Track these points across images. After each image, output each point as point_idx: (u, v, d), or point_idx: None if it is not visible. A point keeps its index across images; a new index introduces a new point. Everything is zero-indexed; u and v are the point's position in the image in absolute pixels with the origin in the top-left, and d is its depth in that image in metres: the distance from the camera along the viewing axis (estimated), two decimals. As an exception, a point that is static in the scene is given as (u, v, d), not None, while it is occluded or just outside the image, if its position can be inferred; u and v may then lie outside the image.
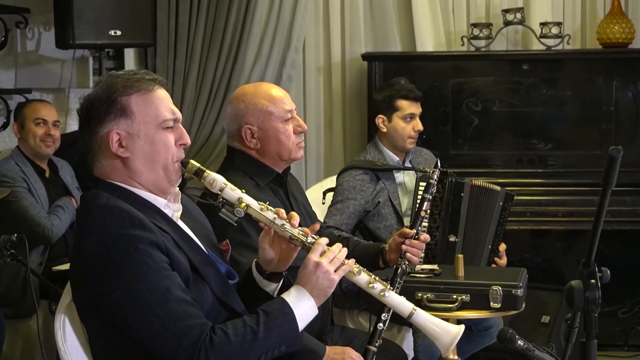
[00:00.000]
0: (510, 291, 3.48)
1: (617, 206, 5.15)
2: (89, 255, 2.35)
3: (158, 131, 2.48)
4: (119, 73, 2.54)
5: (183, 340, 2.29)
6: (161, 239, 2.37)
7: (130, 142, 2.45)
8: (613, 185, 1.81)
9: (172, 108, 2.53)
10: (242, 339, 2.33)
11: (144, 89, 2.48)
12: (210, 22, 5.79)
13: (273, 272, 2.61)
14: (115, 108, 2.45)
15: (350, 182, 4.46)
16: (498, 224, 4.28)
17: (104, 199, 2.42)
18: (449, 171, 4.32)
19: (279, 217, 2.50)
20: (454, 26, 5.95)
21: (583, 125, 5.60)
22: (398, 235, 3.41)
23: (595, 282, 1.86)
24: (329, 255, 2.48)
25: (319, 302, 2.48)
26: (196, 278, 2.44)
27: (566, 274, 5.55)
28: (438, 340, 2.58)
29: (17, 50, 5.94)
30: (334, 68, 6.03)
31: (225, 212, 2.52)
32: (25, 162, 4.92)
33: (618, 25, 5.56)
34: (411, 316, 2.56)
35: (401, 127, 4.58)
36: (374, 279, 2.54)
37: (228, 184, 2.51)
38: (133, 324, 2.32)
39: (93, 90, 2.52)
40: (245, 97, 3.40)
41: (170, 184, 2.52)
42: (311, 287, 2.46)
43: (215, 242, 2.73)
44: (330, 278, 2.47)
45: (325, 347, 3.31)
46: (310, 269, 2.46)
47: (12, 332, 4.64)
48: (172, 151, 2.50)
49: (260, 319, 2.38)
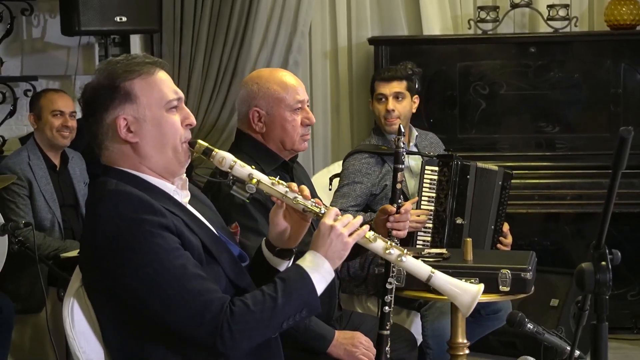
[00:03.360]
0: (520, 274, 3.46)
1: (627, 189, 5.13)
2: (102, 240, 2.35)
3: (164, 113, 2.47)
4: (118, 59, 2.53)
5: (205, 314, 2.30)
6: (172, 221, 2.37)
7: (138, 127, 2.44)
8: (624, 167, 1.80)
9: (174, 88, 2.52)
10: (262, 307, 2.33)
11: (146, 72, 2.47)
12: (216, 8, 5.77)
13: (283, 248, 2.60)
14: (120, 94, 2.44)
15: (356, 165, 4.47)
16: (499, 203, 4.29)
17: (113, 184, 2.42)
18: (454, 154, 4.31)
19: (290, 190, 2.49)
20: (461, 9, 5.92)
21: (591, 108, 5.57)
22: (380, 212, 3.41)
23: (605, 264, 1.85)
24: (343, 220, 2.47)
25: (334, 265, 2.46)
26: (209, 259, 2.44)
27: (575, 257, 5.54)
28: (458, 299, 2.54)
29: (22, 38, 5.93)
30: (341, 53, 6.01)
31: (236, 190, 2.50)
32: (38, 154, 4.91)
33: (626, 7, 5.52)
34: (430, 279, 2.53)
35: (375, 107, 4.62)
36: (390, 245, 2.51)
37: (237, 161, 2.49)
38: (152, 305, 2.32)
39: (94, 78, 2.51)
40: (260, 80, 3.39)
41: (180, 165, 2.51)
42: (325, 251, 2.44)
43: (224, 225, 2.73)
44: (344, 241, 2.45)
45: (334, 332, 3.32)
46: (324, 232, 2.45)
47: (21, 321, 4.65)
48: (180, 132, 2.48)
49: (278, 287, 2.37)
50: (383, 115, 4.56)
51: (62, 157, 5.05)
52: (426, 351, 4.16)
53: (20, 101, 5.79)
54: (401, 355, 3.65)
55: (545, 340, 2.90)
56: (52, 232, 4.82)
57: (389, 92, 4.57)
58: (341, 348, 3.29)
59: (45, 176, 4.88)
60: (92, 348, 2.47)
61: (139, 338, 2.40)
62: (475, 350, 3.96)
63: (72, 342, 2.46)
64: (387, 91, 4.57)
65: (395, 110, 4.53)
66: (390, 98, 4.55)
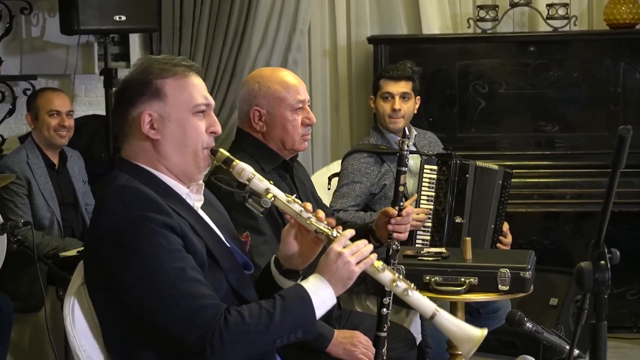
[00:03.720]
0: (519, 273, 3.46)
1: (626, 188, 5.13)
2: (104, 234, 2.35)
3: (189, 116, 2.47)
4: (157, 57, 2.55)
5: (196, 319, 2.28)
6: (177, 222, 2.36)
7: (161, 125, 2.45)
8: (622, 166, 1.80)
9: (205, 94, 2.52)
10: (257, 320, 2.31)
11: (180, 74, 2.48)
12: (215, 7, 5.77)
13: (290, 269, 2.59)
14: (150, 89, 2.45)
15: (355, 165, 4.46)
16: (499, 203, 4.28)
17: (124, 179, 2.43)
18: (453, 153, 4.31)
19: (305, 210, 2.48)
20: (460, 8, 5.92)
21: (590, 107, 5.57)
22: (382, 214, 3.40)
23: (604, 263, 1.85)
24: (352, 248, 2.45)
25: (337, 292, 2.44)
26: (212, 264, 2.43)
27: (575, 256, 5.54)
28: (459, 344, 2.50)
29: (22, 37, 5.94)
30: (340, 51, 6.01)
31: (251, 203, 2.49)
32: (36, 153, 4.91)
33: (625, 5, 5.52)
34: (434, 317, 2.48)
35: (380, 105, 4.60)
36: (397, 277, 2.48)
37: (256, 174, 2.48)
38: (146, 303, 2.32)
39: (130, 72, 2.53)
40: (261, 79, 3.38)
41: (198, 170, 2.51)
42: (330, 276, 2.42)
43: (235, 233, 2.72)
44: (350, 269, 2.43)
45: (333, 331, 3.32)
46: (332, 257, 2.43)
47: (20, 320, 4.65)
48: (203, 137, 2.48)
49: (277, 303, 2.35)
50: (388, 113, 4.56)
51: (60, 155, 5.05)
52: (425, 350, 4.16)
53: (19, 100, 5.79)
54: (400, 354, 3.64)
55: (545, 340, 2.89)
56: (51, 230, 4.82)
57: (397, 92, 4.57)
58: (340, 347, 3.28)
59: (44, 175, 4.88)
60: (92, 346, 2.48)
61: (137, 338, 2.39)
62: (474, 349, 3.96)
63: (73, 341, 2.47)
64: (395, 90, 4.57)
65: (401, 110, 4.54)
66: (397, 97, 4.55)
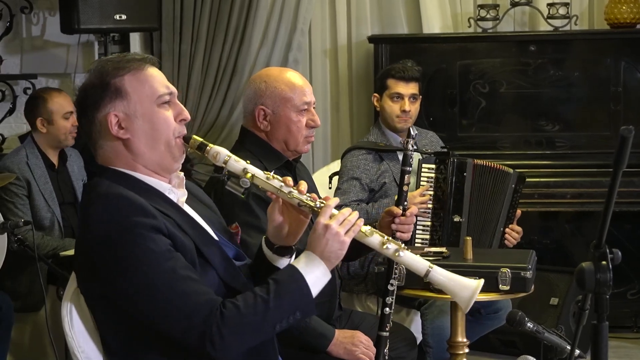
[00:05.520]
0: (519, 273, 3.46)
1: (626, 187, 5.12)
2: (93, 245, 2.34)
3: (155, 108, 2.45)
4: (109, 57, 2.53)
5: (193, 318, 2.27)
6: (163, 223, 2.35)
7: (129, 123, 2.43)
8: (624, 166, 1.79)
9: (165, 83, 2.49)
10: (253, 310, 2.30)
11: (135, 69, 2.46)
12: (216, 6, 5.77)
13: (282, 246, 2.56)
14: (110, 91, 2.43)
15: (354, 162, 4.46)
16: (510, 206, 4.27)
17: (105, 186, 2.40)
18: (451, 151, 4.31)
19: (285, 184, 2.45)
20: (461, 7, 5.91)
21: (591, 106, 5.57)
22: (386, 214, 3.39)
23: (606, 263, 1.84)
24: (338, 217, 2.41)
25: (330, 265, 2.41)
26: (201, 261, 2.42)
27: (575, 256, 5.54)
28: (457, 295, 2.48)
29: (22, 36, 5.93)
30: (340, 51, 6.01)
31: (231, 185, 2.47)
32: (36, 154, 4.89)
33: (626, 5, 5.52)
34: (428, 274, 2.47)
35: (388, 105, 4.58)
36: (387, 239, 2.45)
37: (232, 156, 2.46)
38: (143, 309, 2.31)
39: (86, 79, 2.50)
40: (268, 78, 3.38)
41: (174, 159, 2.48)
42: (321, 251, 2.40)
43: (224, 225, 2.71)
44: (340, 240, 2.40)
45: (334, 331, 3.31)
46: (319, 232, 2.40)
47: (20, 319, 4.65)
48: (173, 127, 2.46)
49: (270, 288, 2.33)
50: (397, 114, 4.55)
51: (60, 155, 5.03)
52: (426, 350, 4.16)
53: (19, 99, 5.78)
54: (401, 354, 3.65)
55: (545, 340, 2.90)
56: (51, 231, 4.81)
57: (407, 93, 4.56)
58: (341, 347, 3.28)
59: (44, 175, 4.87)
60: (91, 348, 2.47)
61: (135, 341, 2.39)
62: (475, 349, 3.96)
63: (71, 342, 2.46)
64: (406, 91, 4.56)
65: (410, 111, 4.54)
66: (407, 98, 4.55)
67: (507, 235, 4.29)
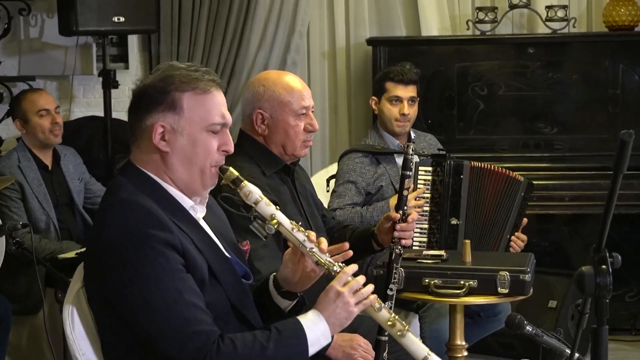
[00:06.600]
0: (518, 276, 3.45)
1: (625, 190, 5.11)
2: (105, 248, 2.34)
3: (202, 133, 2.44)
4: (181, 65, 2.50)
5: (188, 344, 2.27)
6: (179, 239, 2.34)
7: (172, 138, 2.42)
8: (624, 170, 1.79)
9: (223, 113, 2.49)
10: (249, 352, 2.31)
11: (201, 89, 2.45)
12: (214, 8, 5.77)
13: (288, 291, 2.60)
14: (167, 100, 2.42)
15: (350, 164, 4.46)
16: (518, 214, 4.26)
17: (128, 191, 2.39)
18: (448, 154, 4.30)
19: (308, 239, 2.47)
20: (459, 10, 5.91)
21: (589, 108, 5.57)
22: (384, 219, 3.39)
23: (606, 267, 1.84)
24: (352, 286, 2.44)
25: (333, 330, 2.44)
26: (212, 280, 2.42)
27: (573, 259, 5.53)
28: None
29: (20, 38, 5.93)
30: (339, 53, 6.01)
31: (256, 226, 2.48)
32: (28, 156, 4.86)
33: (624, 7, 5.52)
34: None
35: (387, 108, 4.58)
36: (393, 318, 2.49)
37: (264, 198, 2.47)
38: (140, 322, 2.31)
39: (150, 77, 2.49)
40: (267, 82, 3.37)
41: (204, 187, 2.49)
42: (328, 315, 2.42)
43: (235, 242, 2.71)
44: (349, 310, 2.43)
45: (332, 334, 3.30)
46: (331, 296, 2.43)
47: (18, 321, 4.64)
48: (212, 156, 2.45)
49: (271, 336, 2.35)
50: (395, 117, 4.55)
51: (54, 155, 5.00)
52: (424, 353, 4.14)
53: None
54: (399, 356, 3.63)
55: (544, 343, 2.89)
56: (47, 233, 4.79)
57: (406, 96, 4.56)
58: (340, 350, 3.27)
59: (37, 178, 4.84)
60: (91, 351, 2.47)
61: (135, 349, 2.38)
62: (473, 352, 3.96)
63: (72, 344, 2.46)
64: (405, 95, 4.56)
65: (409, 114, 4.54)
66: (406, 101, 4.55)
67: (513, 243, 4.28)
